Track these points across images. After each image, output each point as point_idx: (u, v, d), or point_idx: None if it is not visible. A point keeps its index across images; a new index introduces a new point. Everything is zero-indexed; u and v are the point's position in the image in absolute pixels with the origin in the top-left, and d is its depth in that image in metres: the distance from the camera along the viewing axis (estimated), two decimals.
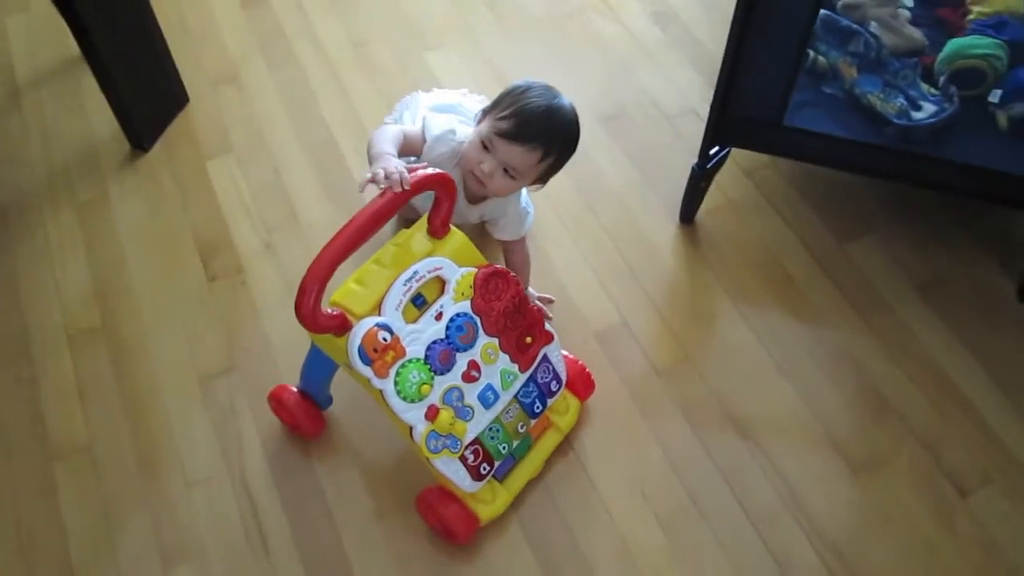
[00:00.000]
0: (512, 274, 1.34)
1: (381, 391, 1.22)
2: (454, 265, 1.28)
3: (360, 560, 1.38)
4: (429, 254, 1.27)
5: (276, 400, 1.47)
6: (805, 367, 1.57)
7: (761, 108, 1.53)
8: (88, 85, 1.87)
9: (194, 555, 1.38)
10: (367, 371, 1.20)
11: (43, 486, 1.45)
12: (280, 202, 1.77)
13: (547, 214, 1.76)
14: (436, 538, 1.39)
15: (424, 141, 1.45)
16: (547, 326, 1.39)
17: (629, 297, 1.66)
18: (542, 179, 1.45)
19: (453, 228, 1.32)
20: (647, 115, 1.92)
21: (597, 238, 1.74)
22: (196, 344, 1.60)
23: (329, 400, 1.49)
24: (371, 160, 1.32)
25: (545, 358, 1.40)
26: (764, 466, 1.46)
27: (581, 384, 1.48)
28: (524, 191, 1.52)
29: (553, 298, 1.63)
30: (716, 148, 1.64)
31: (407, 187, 1.19)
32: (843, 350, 1.59)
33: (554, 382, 1.42)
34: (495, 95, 1.45)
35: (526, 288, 1.50)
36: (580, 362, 1.50)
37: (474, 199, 1.50)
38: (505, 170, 1.38)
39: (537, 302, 1.52)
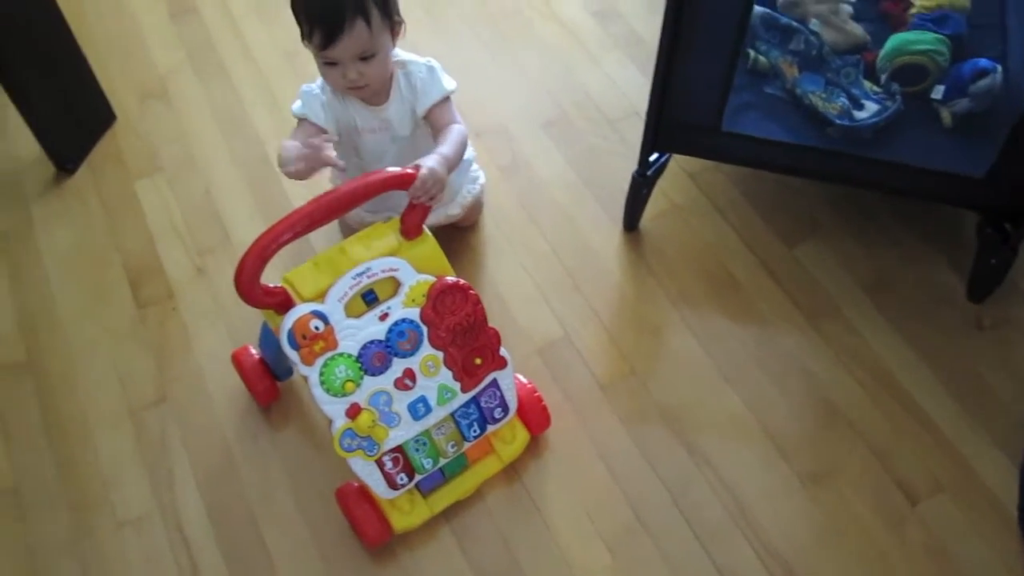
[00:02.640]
0: (473, 291, 1.29)
1: (306, 378, 1.21)
2: (412, 269, 1.25)
3: None
4: (392, 253, 1.25)
5: (236, 360, 1.49)
6: (752, 375, 1.54)
7: (699, 113, 1.49)
8: (5, 107, 1.80)
9: None
10: (293, 355, 1.19)
11: None
12: (212, 223, 1.71)
13: (488, 226, 1.72)
14: (377, 569, 1.35)
15: (306, 120, 1.40)
16: (502, 351, 1.35)
17: (572, 310, 1.62)
18: (391, 27, 1.37)
19: (426, 233, 1.29)
20: (589, 119, 1.88)
21: (539, 249, 1.70)
22: (126, 375, 1.54)
23: (288, 372, 1.48)
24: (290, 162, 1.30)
25: (494, 383, 1.37)
26: (711, 480, 1.43)
27: (534, 417, 1.44)
28: (401, 54, 1.44)
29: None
30: (656, 155, 1.60)
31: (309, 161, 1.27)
32: (791, 356, 1.56)
33: (499, 409, 1.38)
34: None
35: (452, 167, 1.36)
36: (539, 395, 1.45)
37: (375, 99, 1.44)
38: (360, 59, 1.34)
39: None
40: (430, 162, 1.27)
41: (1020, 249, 1.52)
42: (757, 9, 1.66)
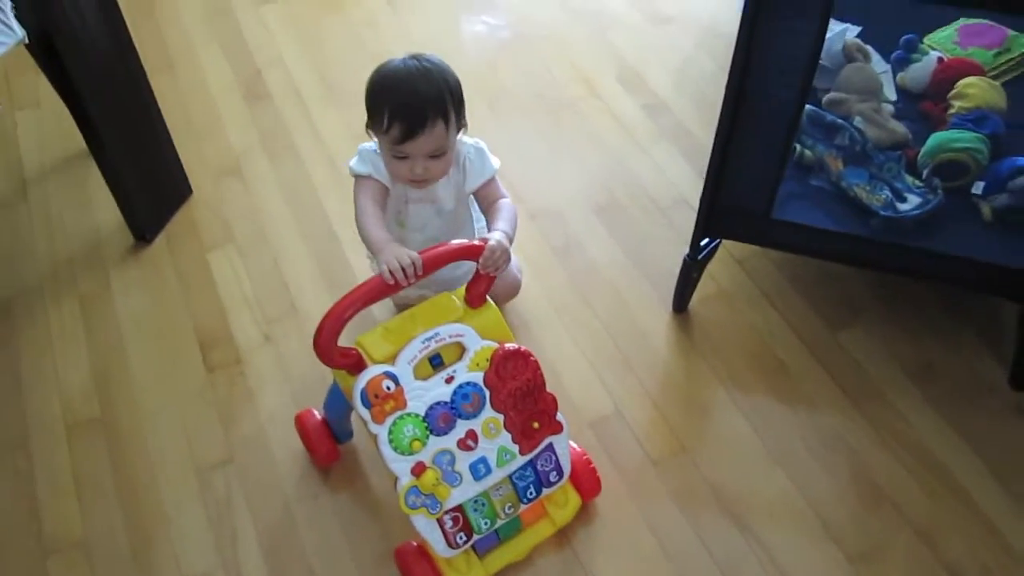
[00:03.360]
0: (533, 358, 1.36)
1: (375, 436, 1.27)
2: (477, 336, 1.33)
3: None
4: (458, 320, 1.33)
5: (299, 422, 1.56)
6: (799, 455, 1.57)
7: (750, 201, 1.57)
8: (93, 178, 1.92)
9: None
10: (365, 414, 1.26)
11: None
12: (280, 294, 1.80)
13: (542, 304, 1.79)
14: None
15: (370, 177, 1.45)
16: (559, 416, 1.41)
17: (623, 386, 1.67)
18: (460, 126, 1.44)
19: (489, 302, 1.37)
20: (640, 205, 1.96)
21: (591, 328, 1.76)
22: (193, 435, 1.60)
23: (349, 434, 1.55)
24: (373, 251, 1.36)
25: (550, 447, 1.42)
26: (761, 558, 1.46)
27: (586, 483, 1.48)
28: (461, 141, 1.50)
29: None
30: (707, 239, 1.68)
31: (414, 276, 1.26)
32: (837, 438, 1.60)
33: (554, 473, 1.42)
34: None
35: (511, 241, 1.41)
36: (589, 459, 1.50)
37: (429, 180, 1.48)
38: (431, 157, 1.40)
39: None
40: (497, 236, 1.35)
41: None
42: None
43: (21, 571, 1.45)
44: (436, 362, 1.32)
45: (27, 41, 1.73)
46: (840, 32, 1.86)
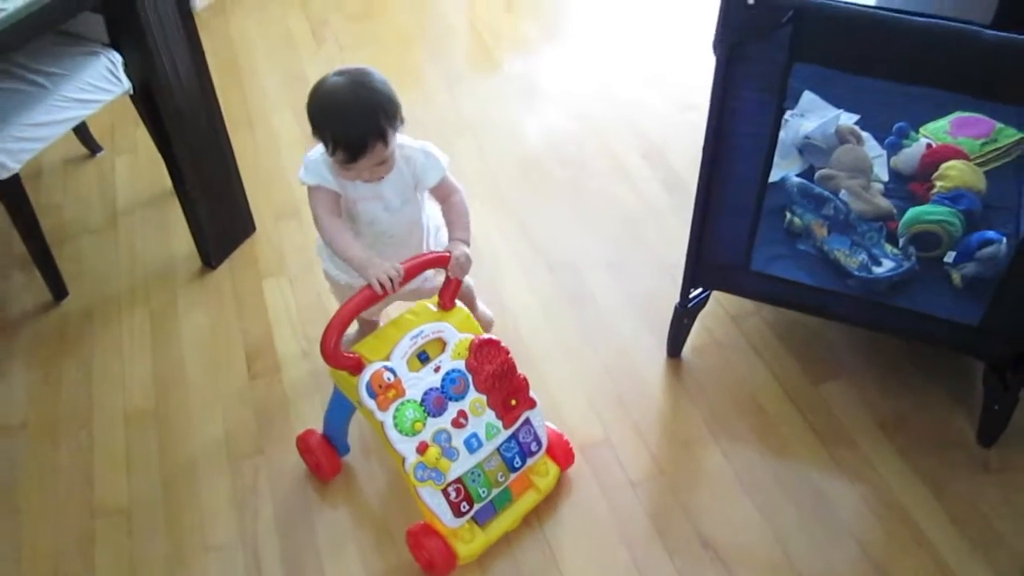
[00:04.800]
0: (502, 344, 1.58)
1: (382, 423, 1.47)
2: (455, 331, 1.55)
3: None
4: (436, 320, 1.56)
5: (303, 441, 1.72)
6: (769, 489, 1.71)
7: (729, 256, 1.76)
8: (173, 214, 2.23)
9: None
10: (371, 403, 1.46)
11: (83, 539, 1.67)
12: (320, 318, 2.03)
13: (550, 344, 1.99)
14: None
15: (321, 187, 1.55)
16: (531, 394, 1.61)
17: (615, 418, 1.84)
18: (397, 131, 1.50)
19: (458, 304, 1.60)
20: (648, 264, 2.17)
21: (592, 367, 1.95)
22: (232, 430, 1.84)
23: (347, 448, 1.74)
24: (356, 267, 1.51)
25: (527, 421, 1.62)
26: (721, 574, 1.59)
27: (562, 453, 1.70)
28: (409, 147, 1.58)
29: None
30: (698, 291, 1.87)
31: (399, 284, 1.47)
32: (806, 476, 1.73)
33: (534, 443, 1.63)
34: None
35: (468, 244, 1.59)
36: (563, 435, 1.70)
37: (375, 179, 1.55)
38: (376, 164, 1.50)
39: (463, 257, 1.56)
40: (460, 248, 1.56)
41: None
42: (794, 179, 1.95)
43: (73, 527, 1.69)
44: (423, 358, 1.54)
45: (132, 92, 2.07)
46: (834, 117, 2.07)
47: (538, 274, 2.16)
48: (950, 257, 1.81)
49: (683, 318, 1.89)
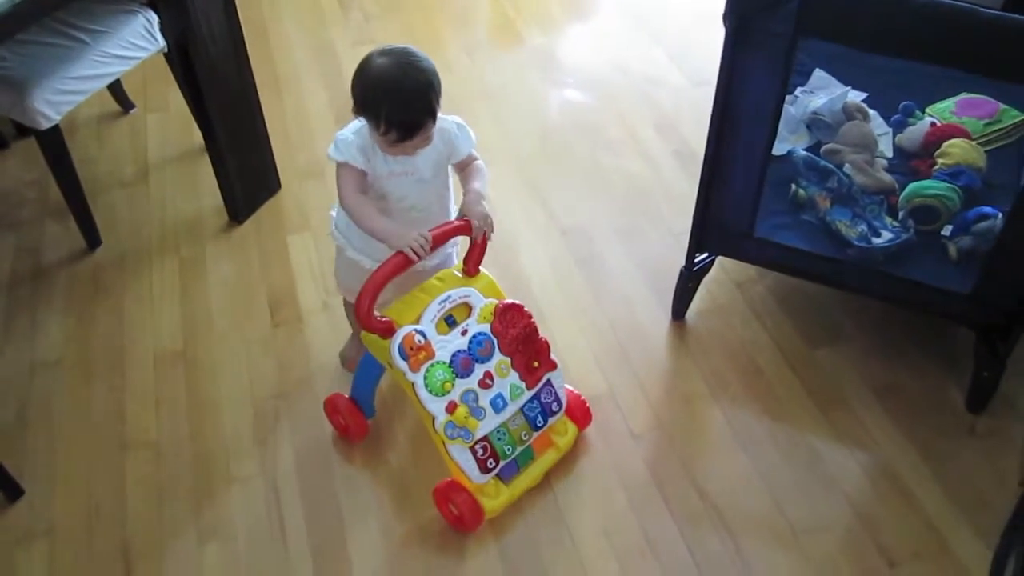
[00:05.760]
0: (526, 309, 1.65)
1: (413, 383, 1.54)
2: (480, 295, 1.63)
3: (359, 561, 1.64)
4: (462, 286, 1.62)
5: (331, 404, 1.79)
6: (763, 445, 1.80)
7: (734, 222, 1.83)
8: (203, 170, 2.33)
9: (225, 536, 1.67)
10: (403, 365, 1.53)
11: (114, 469, 1.77)
12: None
13: (560, 303, 2.08)
14: (427, 546, 1.64)
15: (347, 164, 1.56)
16: (552, 356, 1.69)
17: (618, 373, 1.93)
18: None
19: (482, 270, 1.66)
20: (657, 231, 2.25)
21: (600, 325, 2.03)
22: (255, 374, 1.93)
23: (373, 411, 1.80)
24: (385, 239, 1.54)
25: (548, 382, 1.70)
26: (715, 521, 1.68)
27: (580, 414, 1.78)
28: (442, 118, 1.58)
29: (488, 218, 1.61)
30: (703, 256, 1.95)
31: (428, 250, 1.52)
32: (800, 437, 1.81)
33: (555, 404, 1.71)
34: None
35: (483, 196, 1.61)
36: (581, 396, 1.79)
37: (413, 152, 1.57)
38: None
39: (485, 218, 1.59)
40: (478, 206, 1.58)
41: (1012, 367, 1.77)
42: (800, 153, 2.03)
43: (105, 459, 1.79)
44: (450, 321, 1.61)
45: (167, 50, 2.16)
46: (841, 94, 2.14)
47: (551, 238, 2.25)
48: (947, 230, 1.88)
49: (688, 281, 1.97)
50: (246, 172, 2.25)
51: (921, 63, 1.54)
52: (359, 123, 1.57)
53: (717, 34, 1.61)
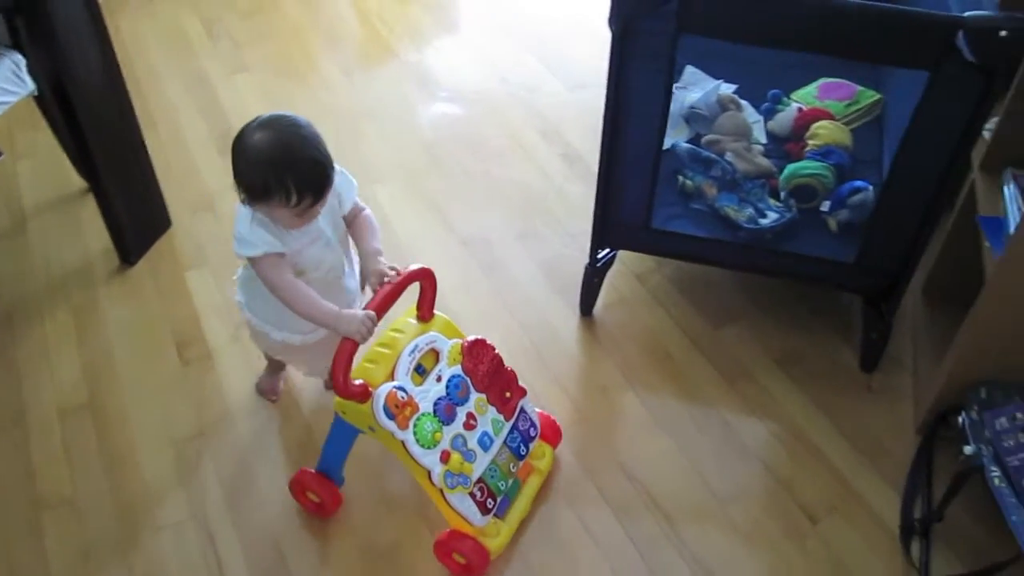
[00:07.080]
0: (488, 342, 1.65)
1: (403, 441, 1.49)
2: (444, 338, 1.60)
3: None
4: (423, 333, 1.59)
5: (298, 484, 1.69)
6: (681, 423, 1.88)
7: (631, 216, 1.92)
8: (83, 214, 2.25)
9: None
10: (391, 425, 1.47)
11: (31, 530, 1.69)
12: None
13: (470, 311, 2.10)
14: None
15: (271, 254, 1.50)
16: (520, 383, 1.70)
17: (535, 374, 1.98)
18: None
19: (436, 312, 1.64)
20: (555, 233, 2.31)
21: (511, 330, 2.08)
22: (170, 416, 1.88)
23: (342, 479, 1.70)
24: (327, 323, 1.49)
25: (522, 409, 1.71)
26: (643, 497, 1.75)
27: (551, 432, 1.79)
28: None
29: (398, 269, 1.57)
30: (605, 252, 2.02)
31: (374, 329, 1.49)
32: (713, 410, 1.91)
33: (532, 429, 1.72)
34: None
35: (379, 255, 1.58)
36: (550, 415, 1.81)
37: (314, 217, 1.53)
38: None
39: (390, 274, 1.55)
40: (377, 268, 1.54)
41: (897, 328, 1.92)
42: (683, 145, 2.13)
43: (19, 521, 1.70)
44: (420, 371, 1.57)
45: (36, 93, 2.08)
46: (714, 87, 2.26)
47: (452, 249, 2.28)
48: (825, 206, 2.02)
49: (593, 277, 2.04)
50: (135, 211, 2.19)
51: (790, 51, 1.65)
52: (247, 211, 1.50)
53: (587, 40, 1.69)
